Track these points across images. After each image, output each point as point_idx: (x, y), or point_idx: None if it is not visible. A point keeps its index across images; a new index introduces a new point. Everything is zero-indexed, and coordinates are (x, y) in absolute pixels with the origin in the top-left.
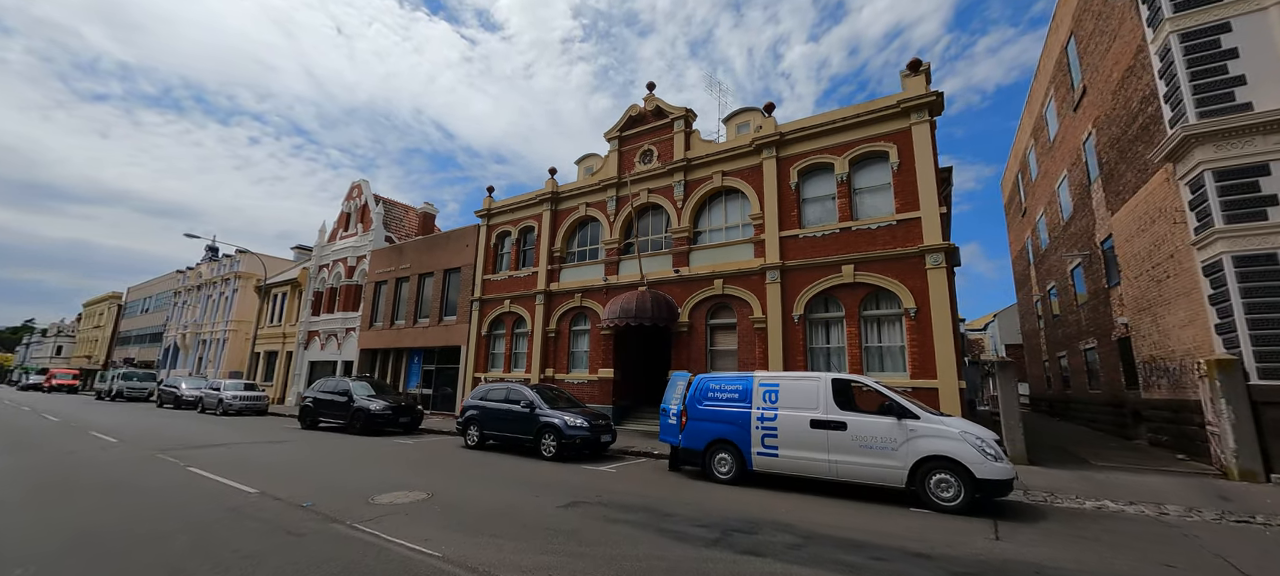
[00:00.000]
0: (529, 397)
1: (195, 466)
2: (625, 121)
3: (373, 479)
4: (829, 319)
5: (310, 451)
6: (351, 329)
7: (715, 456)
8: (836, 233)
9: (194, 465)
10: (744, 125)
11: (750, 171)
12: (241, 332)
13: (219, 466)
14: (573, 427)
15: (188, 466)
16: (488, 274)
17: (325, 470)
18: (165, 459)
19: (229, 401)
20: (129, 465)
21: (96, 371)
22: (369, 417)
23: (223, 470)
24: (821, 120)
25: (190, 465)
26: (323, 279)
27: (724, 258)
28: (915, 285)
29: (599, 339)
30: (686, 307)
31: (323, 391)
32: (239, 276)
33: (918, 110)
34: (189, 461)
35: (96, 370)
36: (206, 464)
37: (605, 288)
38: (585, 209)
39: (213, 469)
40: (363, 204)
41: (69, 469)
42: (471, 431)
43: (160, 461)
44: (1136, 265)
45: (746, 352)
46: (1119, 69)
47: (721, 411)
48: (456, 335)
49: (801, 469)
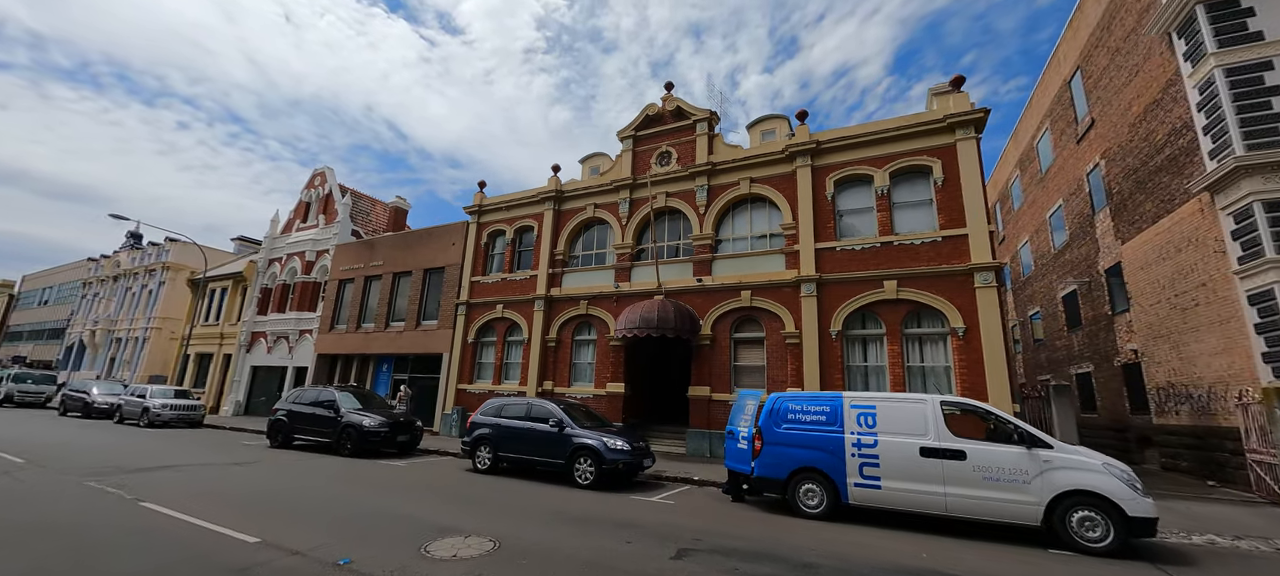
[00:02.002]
0: (558, 415)
1: (149, 501)
2: (641, 120)
3: (401, 517)
4: (867, 336)
5: (295, 477)
6: (307, 331)
7: (800, 487)
8: (877, 247)
9: (146, 498)
10: (769, 132)
11: (782, 179)
12: (166, 331)
13: (181, 499)
14: (615, 451)
15: (138, 501)
16: (477, 276)
17: (328, 504)
18: (101, 488)
19: (157, 411)
20: (53, 498)
21: None
22: (362, 436)
23: (189, 505)
24: (861, 131)
25: (140, 498)
26: (273, 274)
27: (751, 268)
28: (963, 304)
29: (607, 350)
30: (709, 319)
31: (299, 403)
32: (168, 268)
33: (963, 126)
34: (135, 492)
35: None
36: (162, 496)
37: (616, 295)
38: (593, 210)
39: (173, 503)
40: (326, 193)
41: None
42: (482, 453)
43: (97, 492)
44: (1153, 293)
45: (777, 369)
46: (1140, 103)
47: (806, 435)
48: (437, 342)
49: (910, 503)
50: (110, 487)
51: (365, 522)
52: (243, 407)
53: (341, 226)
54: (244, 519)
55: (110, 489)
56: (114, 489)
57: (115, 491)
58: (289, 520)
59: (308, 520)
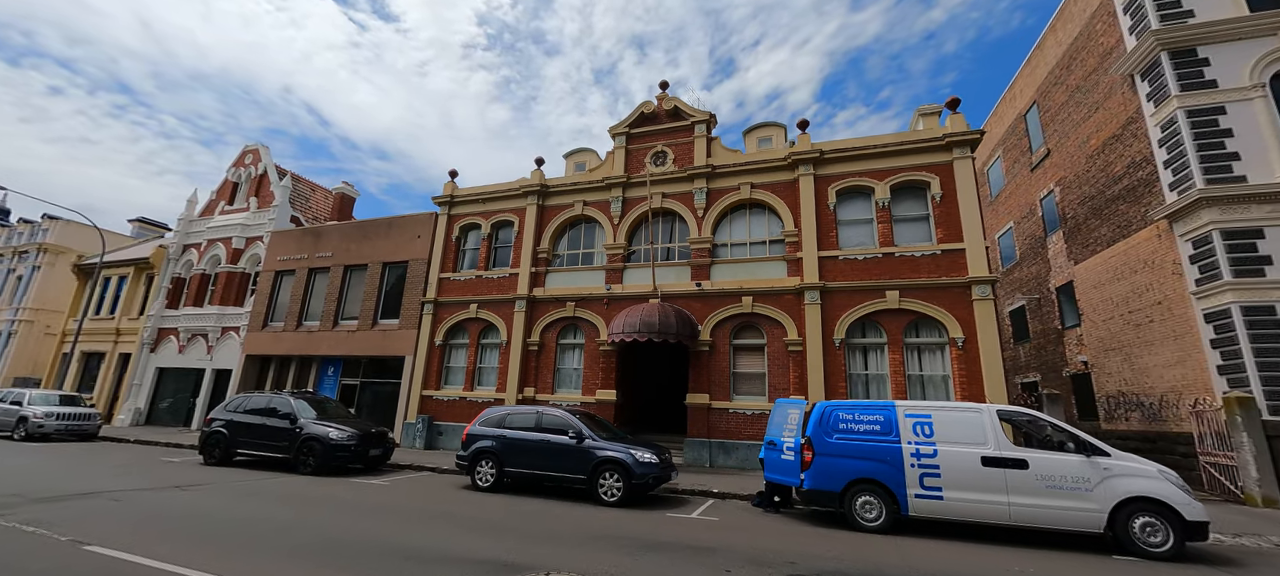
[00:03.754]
0: (577, 426)
1: (93, 543)
2: (635, 117)
3: (441, 555)
4: (868, 344)
5: (262, 504)
6: (232, 328)
7: (857, 499)
8: (878, 257)
9: (84, 539)
10: (766, 139)
11: (783, 186)
12: (41, 325)
13: (130, 539)
14: (644, 465)
15: (79, 543)
16: (447, 272)
17: (329, 538)
18: (16, 526)
19: (39, 421)
20: None
21: None
22: (328, 451)
23: (147, 546)
24: (862, 143)
25: (79, 539)
26: (189, 262)
27: (751, 273)
28: (962, 315)
29: (597, 355)
30: (708, 325)
31: (243, 411)
32: (45, 249)
33: (960, 145)
34: (65, 530)
35: None
36: (103, 534)
37: (607, 298)
38: (582, 207)
39: (124, 543)
40: (260, 174)
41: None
42: (484, 468)
43: (15, 534)
44: (1106, 309)
45: (778, 376)
46: (1099, 137)
47: (861, 446)
48: (398, 343)
49: (974, 513)
50: (27, 526)
51: (399, 564)
52: (145, 416)
53: (279, 211)
54: (228, 563)
55: (29, 528)
56: (36, 528)
57: (40, 531)
58: (294, 564)
59: (324, 564)
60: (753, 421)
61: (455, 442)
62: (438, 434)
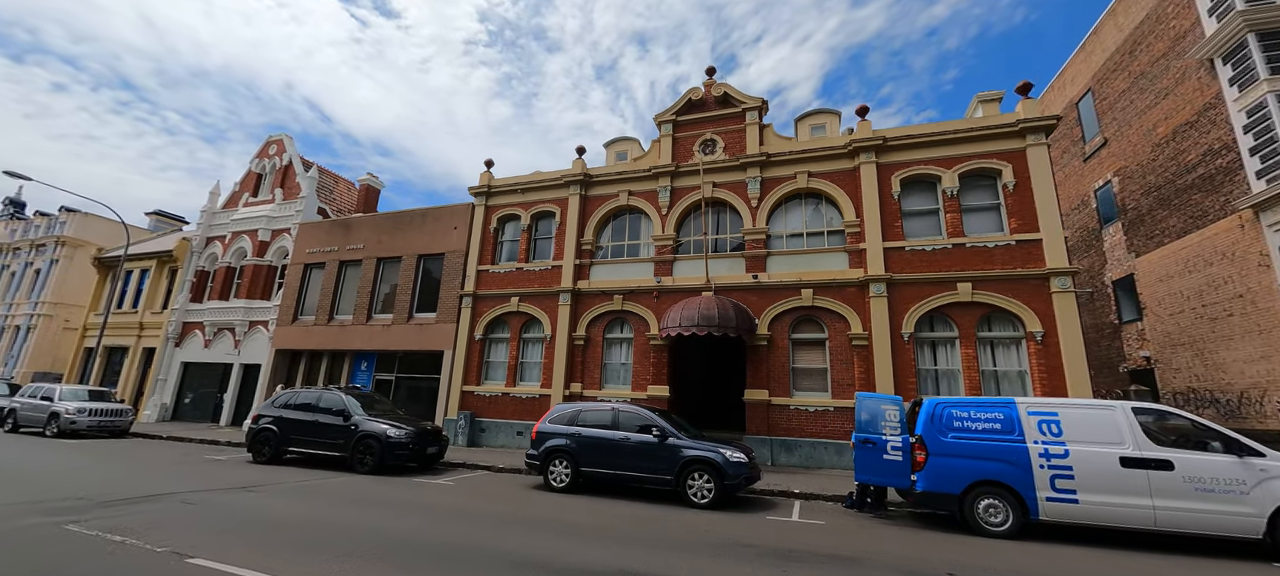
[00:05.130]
0: (659, 423)
1: (195, 555)
2: (683, 105)
3: (570, 566)
4: (938, 339)
5: (338, 506)
6: (260, 322)
7: (980, 502)
8: (948, 248)
9: (180, 548)
10: (819, 126)
11: (843, 175)
12: (60, 319)
13: (223, 548)
14: (736, 465)
15: (181, 554)
16: (485, 265)
17: (430, 553)
18: (99, 536)
19: (71, 417)
20: (47, 559)
21: None
22: (386, 449)
23: (247, 557)
24: (928, 131)
25: (177, 549)
26: (213, 255)
27: (810, 265)
28: (1040, 308)
29: (647, 350)
30: (765, 319)
31: (293, 407)
32: (64, 243)
33: (1034, 131)
34: (149, 537)
35: None
36: (192, 543)
37: (657, 290)
38: (627, 198)
39: (221, 554)
40: (285, 164)
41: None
42: (558, 468)
43: (102, 544)
44: (1174, 303)
45: (841, 372)
46: (1169, 124)
47: (981, 445)
48: (436, 337)
49: (1113, 518)
50: (114, 535)
51: (526, 574)
52: (170, 411)
53: (306, 203)
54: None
55: (117, 537)
56: (124, 537)
57: (129, 540)
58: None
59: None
60: (815, 418)
61: (499, 439)
62: (480, 430)
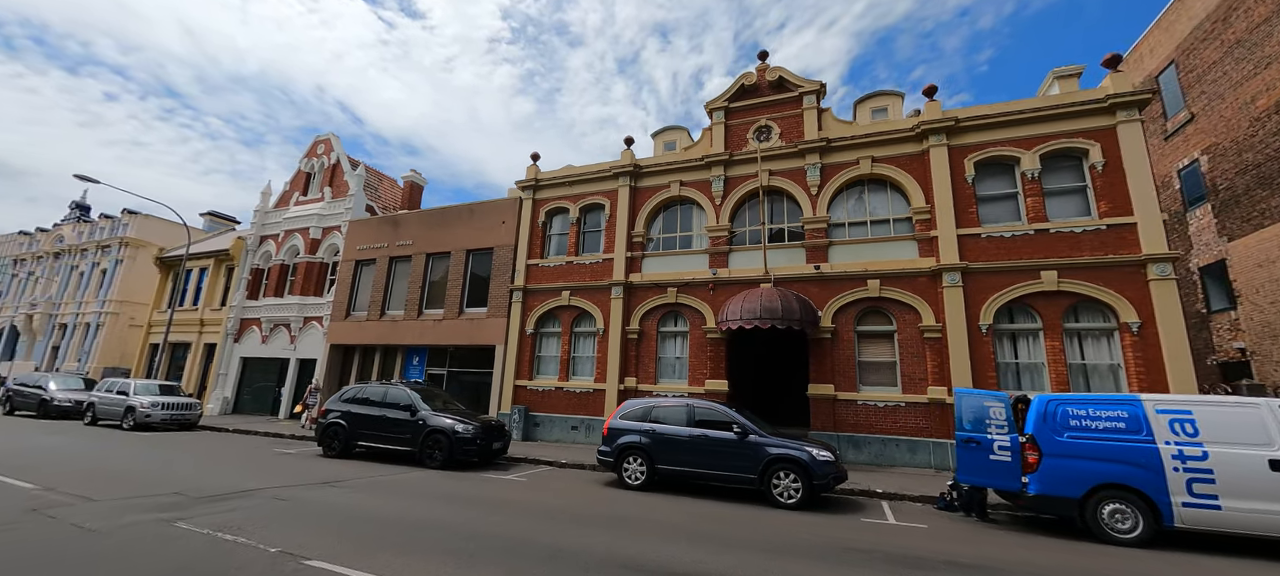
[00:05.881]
0: (739, 420)
1: (312, 557)
2: (735, 91)
3: (647, 568)
4: (1019, 331)
5: (418, 502)
6: (315, 318)
7: (1103, 506)
8: (1029, 235)
9: (293, 549)
10: (880, 109)
11: (910, 159)
12: (126, 317)
13: (333, 548)
14: (823, 464)
15: (296, 555)
16: (534, 258)
17: (532, 552)
18: (210, 534)
19: (145, 411)
20: (170, 562)
21: None
22: (455, 444)
23: (353, 559)
24: (1005, 110)
25: (289, 550)
26: (267, 254)
27: (876, 255)
28: (1135, 297)
29: (704, 343)
30: (828, 311)
31: (361, 401)
32: (127, 244)
33: (1126, 107)
34: (258, 536)
35: None
36: (298, 542)
37: (713, 282)
38: (678, 188)
39: (337, 556)
40: (333, 163)
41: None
42: (633, 465)
43: (213, 542)
44: (1275, 290)
45: (912, 365)
46: (1271, 97)
47: (1104, 445)
48: (488, 332)
49: (1263, 526)
50: (226, 533)
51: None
52: (232, 405)
53: (355, 200)
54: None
55: (228, 536)
56: (235, 536)
57: (241, 539)
58: None
59: None
60: (885, 414)
61: (553, 434)
62: (534, 425)
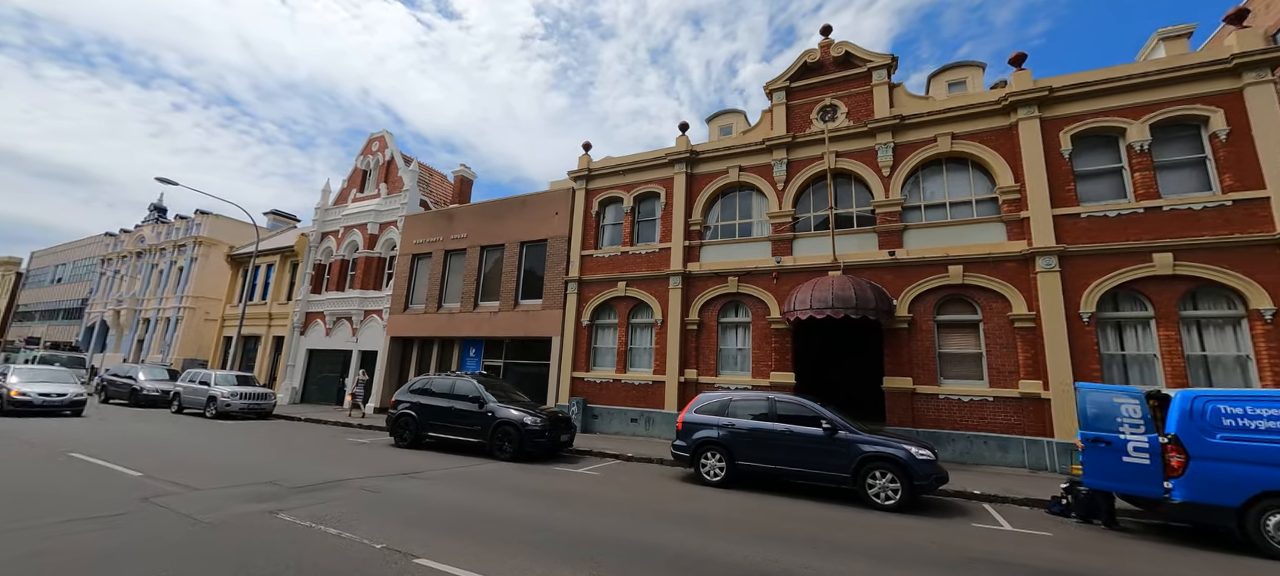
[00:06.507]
0: (827, 415)
1: (423, 555)
2: (797, 69)
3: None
4: (1126, 319)
5: (501, 496)
6: (375, 311)
7: (1270, 518)
8: (1138, 213)
9: (386, 541)
10: (958, 82)
11: (996, 135)
12: (201, 311)
13: (435, 544)
14: (924, 463)
15: (403, 553)
16: (588, 249)
17: (642, 554)
18: (315, 528)
19: (226, 400)
20: (279, 553)
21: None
22: (524, 436)
23: (458, 557)
24: (1108, 76)
25: (384, 543)
26: (328, 249)
27: (958, 239)
28: (1269, 281)
29: (768, 334)
30: (904, 299)
31: (430, 394)
32: (200, 243)
33: (1255, 67)
34: (359, 528)
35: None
36: (400, 536)
37: (777, 271)
38: (737, 174)
39: (439, 554)
40: (387, 160)
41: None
42: (711, 461)
43: (321, 537)
44: None
45: (1001, 357)
46: None
47: (1269, 448)
48: (544, 324)
49: None
50: (324, 526)
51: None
52: (300, 394)
53: (410, 196)
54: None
55: (332, 530)
56: (333, 528)
57: (345, 534)
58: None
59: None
60: (970, 409)
61: (612, 426)
62: (592, 417)
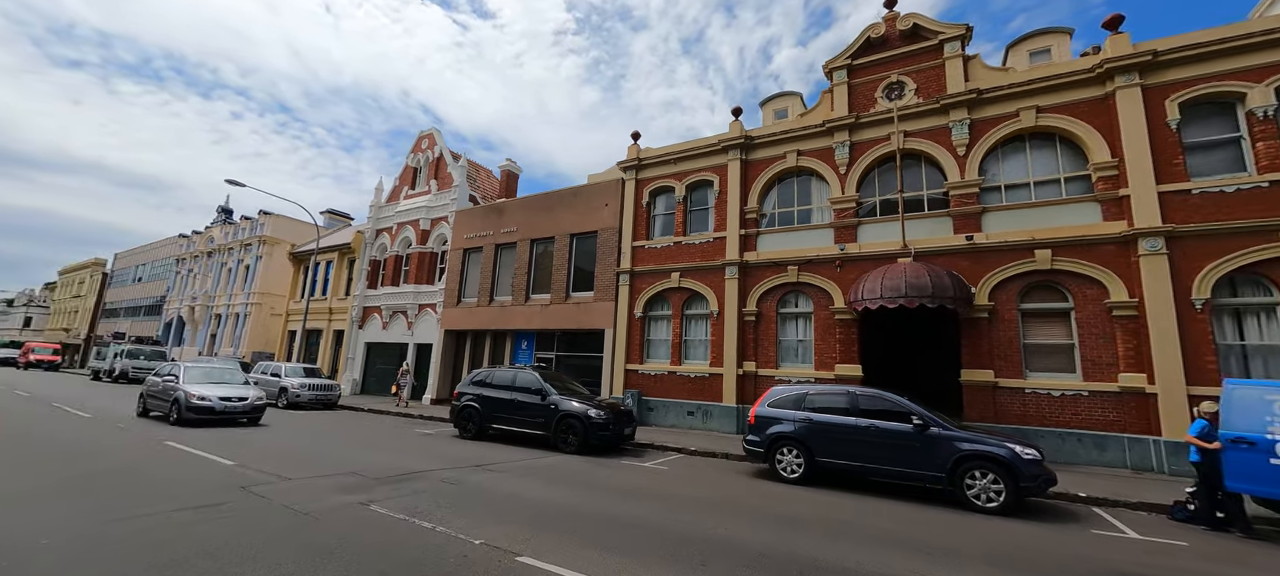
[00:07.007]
0: (918, 410)
1: (525, 553)
2: (859, 45)
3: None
4: (1246, 305)
5: (575, 490)
6: (429, 305)
7: None
8: (1262, 187)
9: (483, 537)
10: (1040, 52)
11: (1089, 106)
12: (267, 307)
13: (530, 541)
14: (1031, 463)
15: (508, 552)
16: (639, 240)
17: (741, 555)
18: (412, 522)
19: (295, 392)
20: (390, 552)
21: (80, 347)
22: (589, 429)
23: (558, 554)
24: (1222, 36)
25: (482, 538)
26: (382, 246)
27: (1045, 220)
28: None
29: (831, 325)
30: (983, 287)
31: (492, 386)
32: (264, 241)
33: None
34: (450, 521)
35: (78, 345)
36: (491, 531)
37: (840, 259)
38: (796, 159)
39: (537, 551)
40: (436, 157)
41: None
42: (787, 457)
43: (421, 532)
44: None
45: (1097, 348)
46: None
47: None
48: (595, 315)
49: None
50: (417, 519)
51: None
52: (360, 386)
53: (459, 191)
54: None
55: (426, 524)
56: (427, 522)
57: (440, 528)
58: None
59: None
60: (1061, 405)
61: (668, 419)
62: (648, 410)
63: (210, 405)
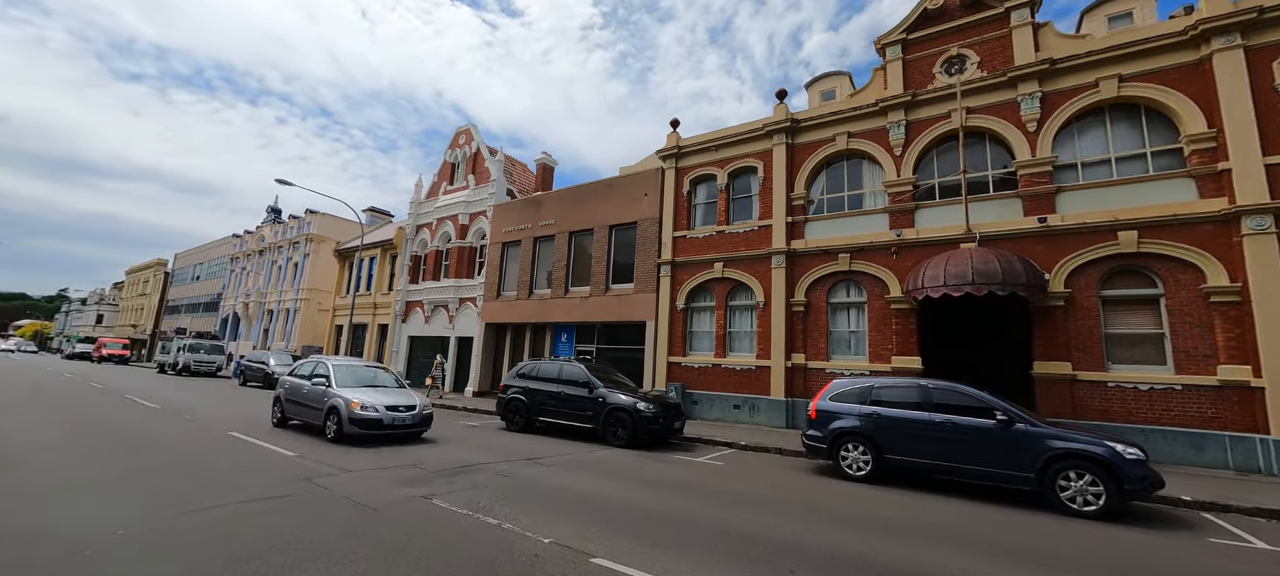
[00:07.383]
0: (1003, 406)
1: (600, 555)
2: (915, 18)
3: None
4: None
5: (634, 489)
6: (468, 299)
7: None
8: None
9: (553, 535)
10: (1119, 16)
11: (1180, 72)
12: (315, 303)
13: (594, 540)
14: (1135, 463)
15: (581, 553)
16: (680, 230)
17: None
18: (456, 508)
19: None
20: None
21: (146, 341)
22: (639, 423)
23: (626, 555)
24: None
25: (552, 537)
26: (423, 241)
27: (1128, 199)
28: None
29: (887, 315)
30: (1058, 273)
31: (538, 378)
32: (311, 239)
33: None
34: (516, 518)
35: (144, 340)
36: (556, 529)
37: (896, 246)
38: (846, 141)
39: (610, 552)
40: (474, 152)
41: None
42: (853, 453)
43: (479, 524)
44: None
45: (1191, 338)
46: None
47: None
48: (637, 308)
49: None
50: (482, 515)
51: None
52: (404, 378)
53: (497, 186)
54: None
55: (487, 519)
56: (491, 518)
57: (505, 525)
58: None
59: None
60: (1149, 400)
61: (712, 412)
62: (692, 403)
63: (377, 417)
